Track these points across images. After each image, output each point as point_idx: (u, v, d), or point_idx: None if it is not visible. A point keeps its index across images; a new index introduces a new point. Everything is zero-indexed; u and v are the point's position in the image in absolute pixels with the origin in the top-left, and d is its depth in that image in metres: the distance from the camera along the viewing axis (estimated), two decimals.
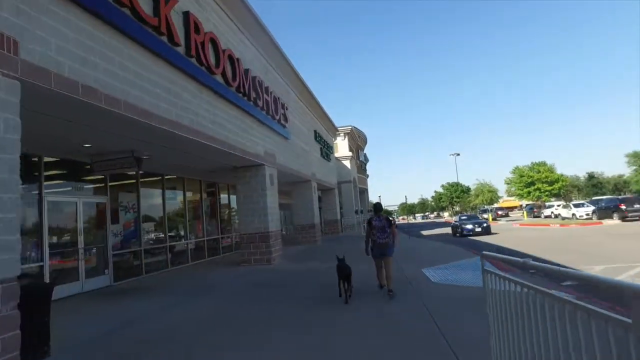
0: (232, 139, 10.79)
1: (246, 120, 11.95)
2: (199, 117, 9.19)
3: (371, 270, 7.82)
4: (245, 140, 11.73)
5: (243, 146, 11.46)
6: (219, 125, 10.12)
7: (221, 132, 10.20)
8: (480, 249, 14.45)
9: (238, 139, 11.22)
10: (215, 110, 9.98)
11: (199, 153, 10.61)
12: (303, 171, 18.61)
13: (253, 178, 13.19)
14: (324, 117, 25.50)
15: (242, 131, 11.57)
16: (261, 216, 13.02)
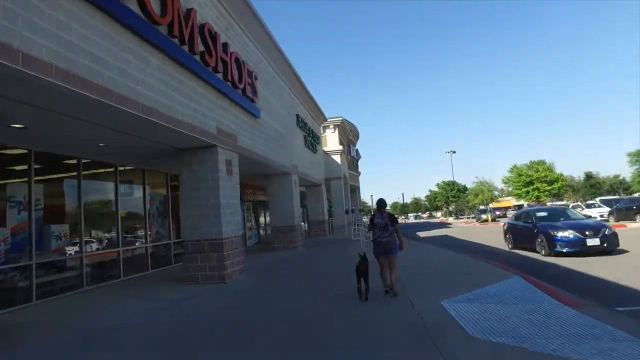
0: (161, 104, 7.27)
1: (189, 82, 8.44)
2: (99, 64, 5.69)
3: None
4: (186, 109, 8.20)
5: (181, 116, 7.94)
6: (138, 81, 6.60)
7: (140, 91, 6.68)
8: (512, 263, 10.61)
9: (174, 106, 7.71)
10: (128, 55, 6.45)
11: (109, 123, 7.06)
12: (279, 160, 15.11)
13: (202, 165, 9.65)
14: (310, 101, 21.98)
15: (183, 96, 8.07)
16: (212, 217, 9.49)
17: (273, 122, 14.75)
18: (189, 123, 8.32)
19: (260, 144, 13.06)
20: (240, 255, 10.46)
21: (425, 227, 43.47)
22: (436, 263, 10.93)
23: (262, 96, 13.65)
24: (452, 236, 25.87)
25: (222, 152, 9.87)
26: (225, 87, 10.08)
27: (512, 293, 6.56)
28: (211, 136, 9.30)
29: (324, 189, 26.10)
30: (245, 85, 11.63)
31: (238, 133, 11.04)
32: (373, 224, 7.08)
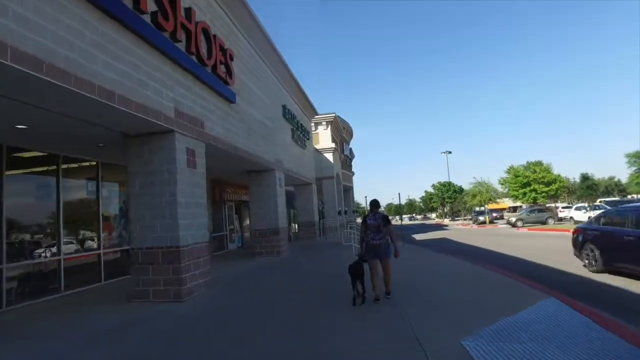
0: (93, 72, 5.45)
1: (134, 48, 6.62)
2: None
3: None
4: (130, 83, 6.37)
5: (123, 90, 6.10)
6: (54, 37, 4.77)
7: (56, 50, 4.85)
8: (534, 274, 9.02)
9: (113, 77, 5.89)
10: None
11: (18, 93, 5.22)
12: (261, 154, 13.27)
13: (155, 154, 7.80)
14: (299, 92, 20.16)
15: (127, 66, 6.26)
16: (167, 219, 7.65)
17: (254, 111, 12.92)
18: (135, 101, 6.49)
19: (238, 134, 11.23)
20: (206, 266, 8.60)
21: (420, 229, 41.79)
22: (444, 275, 9.13)
23: (241, 81, 11.84)
24: (451, 239, 24.15)
25: (182, 139, 8.03)
26: (186, 60, 8.24)
27: (560, 324, 4.78)
28: (166, 119, 7.45)
29: (314, 189, 24.30)
30: (217, 64, 9.81)
31: (206, 118, 9.21)
32: (365, 226, 6.65)
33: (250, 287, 8.82)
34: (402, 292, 7.02)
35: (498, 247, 16.32)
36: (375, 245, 6.52)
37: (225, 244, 19.08)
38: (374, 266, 6.60)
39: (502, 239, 21.47)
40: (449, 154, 64.38)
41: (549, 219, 33.00)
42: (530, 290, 6.68)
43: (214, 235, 17.92)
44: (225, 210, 19.15)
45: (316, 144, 31.45)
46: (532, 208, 39.15)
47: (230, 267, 12.73)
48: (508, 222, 35.28)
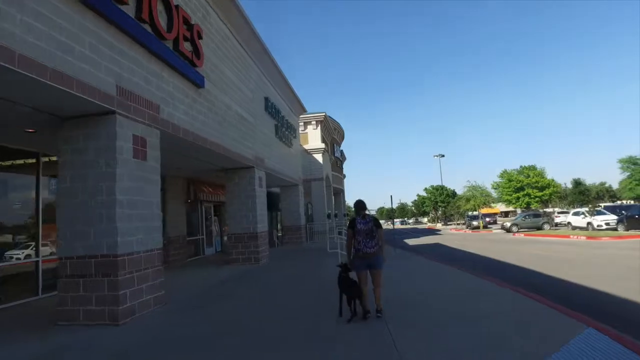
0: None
1: (60, 5, 5.16)
2: None
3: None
4: (53, 48, 4.90)
5: (42, 57, 4.64)
6: None
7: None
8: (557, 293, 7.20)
9: (27, 39, 4.43)
10: None
11: None
12: (237, 150, 11.80)
13: (90, 141, 6.31)
14: (284, 86, 18.71)
15: (48, 26, 4.80)
16: (103, 221, 6.15)
17: (230, 100, 11.46)
18: (53, 69, 5.01)
19: (207, 124, 9.76)
20: (157, 278, 7.10)
21: (412, 234, 40.49)
22: (442, 289, 7.72)
23: (213, 64, 10.39)
24: (446, 245, 22.82)
25: (127, 124, 6.54)
26: (135, 28, 6.76)
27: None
28: (104, 97, 5.97)
29: (301, 190, 22.84)
30: (180, 39, 8.35)
31: (163, 102, 7.73)
32: (354, 231, 5.64)
33: (213, 305, 7.30)
34: (399, 311, 5.63)
35: (498, 255, 14.99)
36: (368, 254, 5.54)
37: (200, 249, 17.53)
38: (363, 277, 5.62)
39: (499, 245, 20.19)
40: (441, 157, 63.62)
41: (545, 224, 31.89)
42: (558, 317, 5.26)
43: (189, 239, 16.39)
44: (201, 212, 17.61)
45: (305, 144, 30.04)
46: (527, 213, 38.06)
47: (197, 277, 11.21)
48: (502, 227, 34.09)
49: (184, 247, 15.44)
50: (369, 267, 5.62)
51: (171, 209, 14.80)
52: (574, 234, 23.55)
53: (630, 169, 60.03)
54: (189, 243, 16.36)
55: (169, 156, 10.43)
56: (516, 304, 6.15)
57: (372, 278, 5.65)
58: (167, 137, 8.14)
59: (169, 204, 14.73)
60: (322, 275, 9.87)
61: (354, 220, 5.71)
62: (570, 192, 75.82)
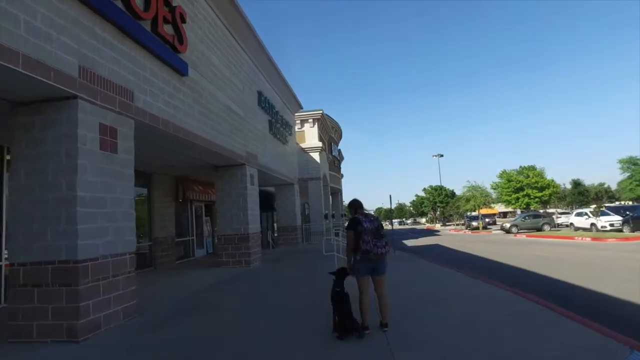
0: None
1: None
2: None
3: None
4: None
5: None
6: None
7: None
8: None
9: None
10: None
11: None
12: (224, 144, 10.99)
13: (48, 129, 5.49)
14: (278, 79, 17.89)
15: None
16: (61, 220, 5.32)
17: (218, 91, 10.66)
18: (8, 48, 4.22)
19: (191, 116, 8.96)
20: (128, 286, 6.29)
21: (411, 235, 39.73)
22: (449, 298, 6.92)
23: (200, 52, 9.61)
24: (446, 246, 22.05)
25: (93, 110, 5.73)
26: (104, 3, 5.96)
27: None
28: (63, 78, 5.16)
29: (296, 189, 22.05)
30: (159, 20, 7.55)
31: (139, 89, 6.93)
32: (358, 231, 4.85)
33: (188, 319, 6.48)
34: (403, 323, 4.84)
35: (502, 257, 14.22)
36: (379, 255, 4.83)
37: (190, 250, 16.70)
38: (366, 285, 4.93)
39: (502, 246, 19.44)
40: (440, 157, 62.95)
41: (545, 225, 31.17)
42: (594, 337, 4.45)
43: (178, 240, 15.57)
44: (192, 212, 16.80)
45: (302, 142, 29.28)
46: (527, 214, 37.33)
47: (183, 281, 10.40)
48: (502, 228, 33.34)
49: (172, 248, 14.63)
50: (373, 272, 4.94)
51: (158, 208, 13.99)
52: (578, 235, 22.82)
53: (630, 170, 59.46)
54: (178, 244, 15.54)
55: (150, 150, 9.67)
56: (537, 317, 5.36)
57: (375, 285, 4.99)
58: (144, 129, 7.36)
59: (156, 203, 13.93)
60: (317, 280, 9.08)
61: (357, 219, 4.95)
62: (570, 192, 75.29)
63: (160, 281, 10.65)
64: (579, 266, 11.23)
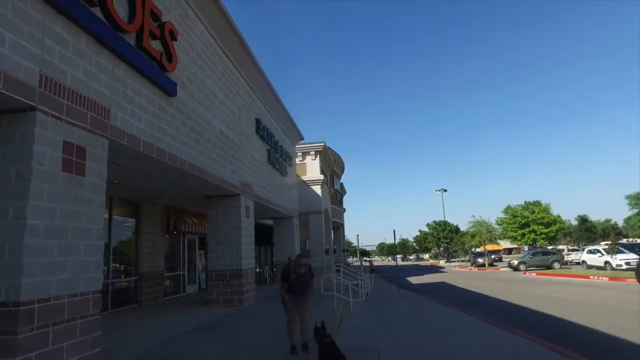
0: None
1: None
2: None
3: None
4: None
5: None
6: None
7: None
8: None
9: None
10: None
11: None
12: (216, 172, 10.20)
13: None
14: (278, 107, 17.34)
15: None
16: (4, 253, 4.46)
17: (210, 116, 10.00)
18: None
19: (179, 140, 8.23)
20: (89, 333, 5.29)
21: (415, 271, 38.23)
22: (471, 355, 5.89)
23: (191, 73, 9.03)
24: (454, 284, 20.79)
25: (56, 126, 4.96)
26: (74, 6, 5.33)
27: None
28: (20, 87, 4.44)
29: (296, 223, 21.13)
30: (144, 34, 6.95)
31: (117, 106, 6.22)
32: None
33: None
34: None
35: (518, 299, 13.02)
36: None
37: (181, 285, 15.60)
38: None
39: (514, 285, 18.22)
40: (444, 192, 62.00)
41: (555, 262, 29.79)
42: None
43: (168, 275, 14.53)
44: (184, 245, 15.82)
45: (303, 174, 28.59)
46: (535, 250, 36.00)
47: (163, 323, 9.30)
48: (509, 266, 31.91)
49: (159, 284, 13.58)
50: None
51: (146, 240, 13.05)
52: (592, 274, 21.58)
53: (639, 206, 58.28)
54: (168, 279, 14.50)
55: (135, 177, 8.90)
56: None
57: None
58: (123, 151, 6.61)
59: (144, 235, 13.01)
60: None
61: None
62: (576, 229, 73.81)
63: (139, 322, 9.59)
64: (606, 310, 10.13)
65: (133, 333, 8.19)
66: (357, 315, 9.29)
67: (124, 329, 8.54)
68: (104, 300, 9.70)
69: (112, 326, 8.54)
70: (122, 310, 11.54)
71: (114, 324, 8.93)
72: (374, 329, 7.80)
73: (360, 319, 8.87)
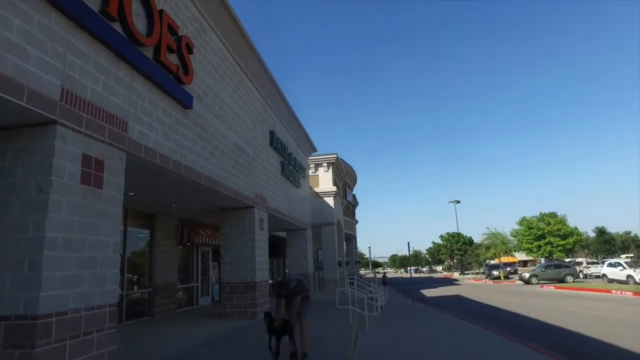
0: None
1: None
2: None
3: None
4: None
5: None
6: None
7: None
8: None
9: None
10: None
11: None
12: (230, 184, 10.21)
13: (19, 158, 4.77)
14: (291, 119, 17.42)
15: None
16: (24, 266, 4.46)
17: (226, 128, 10.04)
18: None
19: (195, 152, 8.26)
20: (105, 346, 5.25)
21: (429, 284, 37.68)
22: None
23: (207, 86, 9.10)
24: (470, 298, 20.38)
25: (75, 138, 5.01)
26: (96, 22, 5.41)
27: None
28: (43, 101, 4.50)
29: (309, 235, 21.01)
30: (162, 48, 7.03)
31: (134, 119, 6.27)
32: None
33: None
34: None
35: (541, 314, 12.43)
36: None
37: (194, 297, 15.57)
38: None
39: (533, 299, 17.75)
40: (457, 203, 61.31)
41: (568, 276, 28.92)
42: None
43: (181, 287, 14.53)
44: (197, 257, 15.83)
45: (315, 186, 28.60)
46: (547, 263, 35.16)
47: (174, 337, 9.22)
48: (521, 279, 31.08)
49: (173, 295, 13.57)
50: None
51: (160, 252, 13.08)
52: (614, 287, 20.97)
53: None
54: (181, 291, 14.48)
55: (150, 189, 8.95)
56: None
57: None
58: (139, 163, 6.65)
59: (157, 247, 13.05)
60: (327, 342, 7.89)
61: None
62: (594, 241, 72.24)
63: (153, 335, 9.54)
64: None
65: (147, 346, 8.14)
66: (373, 329, 9.12)
67: (139, 343, 8.50)
68: (118, 312, 9.71)
69: (128, 339, 8.51)
70: (136, 322, 11.53)
71: (129, 336, 8.90)
72: (391, 344, 7.63)
73: (377, 334, 8.70)
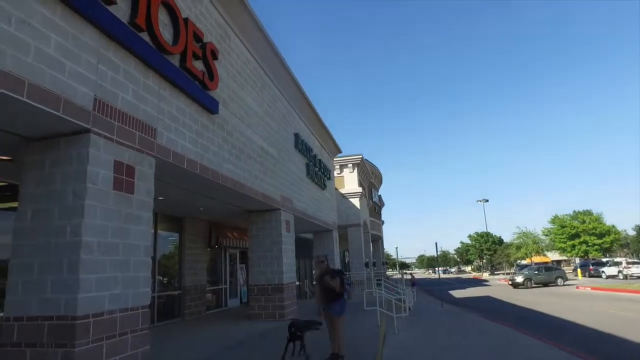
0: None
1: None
2: None
3: None
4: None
5: None
6: None
7: None
8: None
9: None
10: None
11: None
12: (257, 187, 10.34)
13: (57, 167, 4.99)
14: (316, 121, 17.48)
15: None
16: (63, 269, 4.67)
17: (250, 132, 10.19)
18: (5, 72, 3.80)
19: (221, 156, 8.42)
20: (139, 347, 5.42)
21: (458, 284, 37.00)
22: None
23: (232, 90, 9.26)
24: (503, 300, 19.87)
25: (107, 146, 5.20)
26: (126, 34, 5.60)
27: None
28: (77, 111, 4.70)
29: (335, 236, 20.98)
30: (187, 55, 7.21)
31: (162, 125, 6.45)
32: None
33: None
34: None
35: (586, 319, 11.40)
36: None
37: (223, 300, 15.82)
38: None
39: (573, 302, 16.95)
40: (485, 202, 60.03)
41: (559, 278, 27.99)
42: None
43: (210, 288, 14.80)
44: (225, 259, 16.08)
45: (341, 187, 28.60)
46: (539, 266, 33.69)
47: (206, 338, 9.42)
48: (511, 282, 29.46)
49: (202, 298, 13.84)
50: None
51: (189, 254, 13.38)
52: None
53: None
54: (210, 293, 14.76)
55: (178, 193, 9.17)
56: None
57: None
58: (167, 168, 6.83)
59: (187, 250, 13.34)
60: (356, 342, 7.88)
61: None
62: (634, 239, 69.15)
63: (184, 335, 9.77)
64: None
65: (179, 346, 8.34)
66: (402, 331, 9.05)
67: (172, 343, 8.72)
68: (150, 314, 9.97)
69: (160, 339, 8.74)
70: (167, 323, 11.81)
71: (161, 338, 9.14)
72: (419, 346, 7.55)
73: (406, 335, 8.63)
